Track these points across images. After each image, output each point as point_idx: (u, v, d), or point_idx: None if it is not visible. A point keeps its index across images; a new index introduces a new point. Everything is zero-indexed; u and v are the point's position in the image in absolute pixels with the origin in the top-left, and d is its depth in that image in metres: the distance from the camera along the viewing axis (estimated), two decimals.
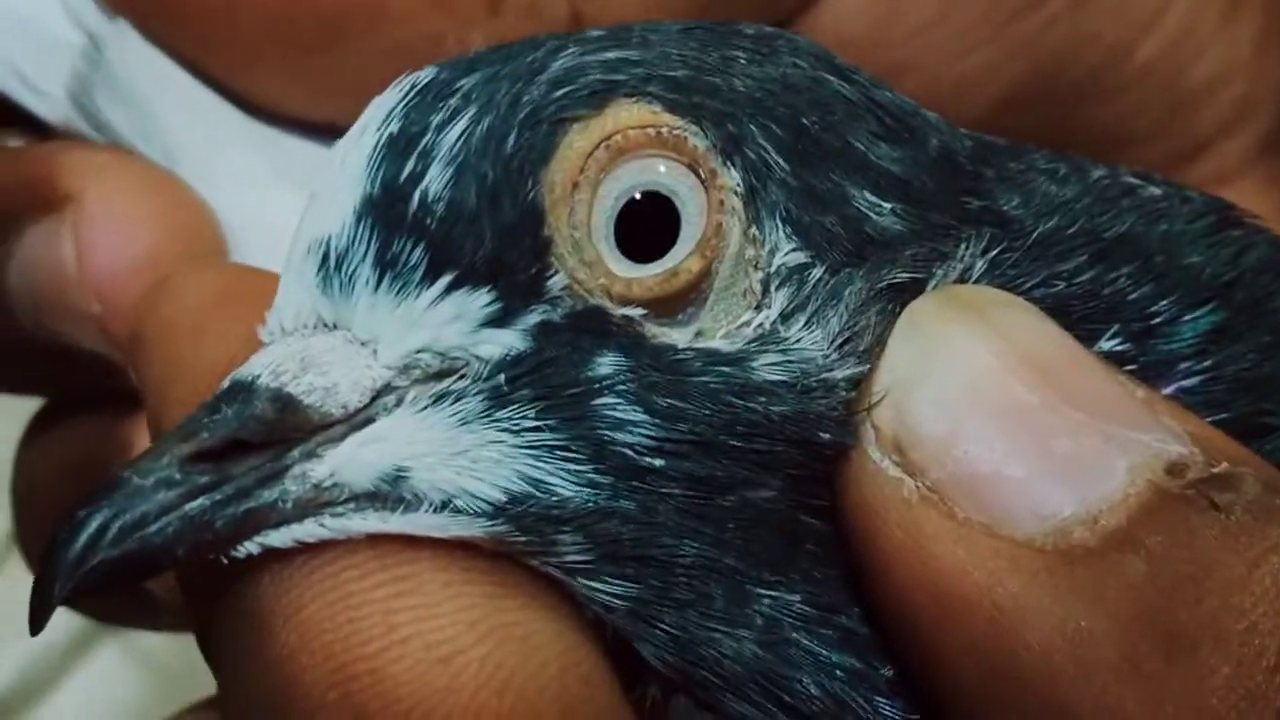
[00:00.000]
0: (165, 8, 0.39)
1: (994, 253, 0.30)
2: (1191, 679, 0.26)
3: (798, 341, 0.29)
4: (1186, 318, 0.31)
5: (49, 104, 0.41)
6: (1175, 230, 0.32)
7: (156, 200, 0.39)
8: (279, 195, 0.39)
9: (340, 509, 0.28)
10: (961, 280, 0.30)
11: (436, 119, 0.29)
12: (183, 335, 0.32)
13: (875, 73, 0.38)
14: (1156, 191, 0.33)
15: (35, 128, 0.42)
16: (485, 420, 0.28)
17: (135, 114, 0.40)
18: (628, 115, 0.29)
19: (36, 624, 0.28)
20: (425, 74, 0.30)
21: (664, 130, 0.29)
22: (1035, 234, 0.31)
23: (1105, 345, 0.30)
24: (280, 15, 0.38)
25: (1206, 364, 0.31)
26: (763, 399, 0.28)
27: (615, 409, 0.28)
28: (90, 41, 0.40)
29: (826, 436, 0.28)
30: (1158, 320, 0.31)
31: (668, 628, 0.29)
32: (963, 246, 0.30)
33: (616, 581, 0.28)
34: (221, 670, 0.30)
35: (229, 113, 0.40)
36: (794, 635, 0.29)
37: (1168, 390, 0.30)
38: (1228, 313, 0.31)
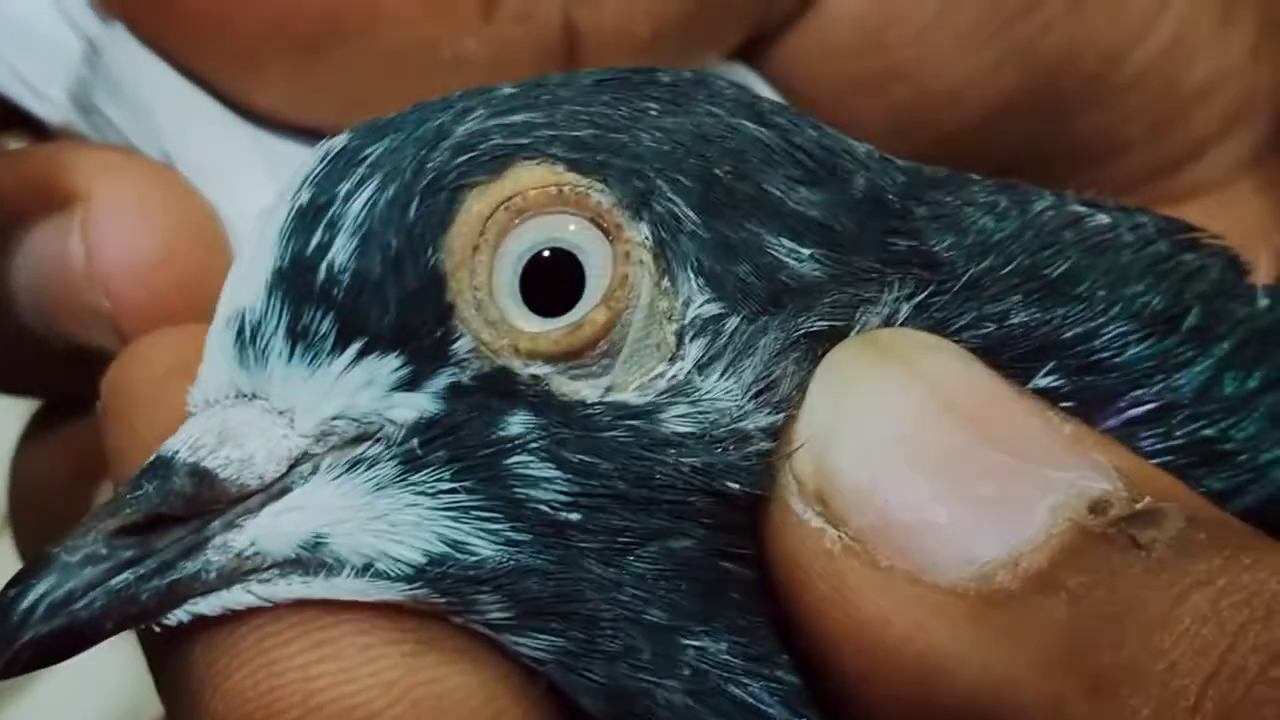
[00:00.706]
0: (157, 12, 0.39)
1: (921, 296, 0.30)
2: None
3: (709, 392, 0.29)
4: (1130, 349, 0.30)
5: (50, 107, 0.41)
6: (1121, 261, 0.31)
7: (165, 197, 0.39)
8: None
9: (264, 575, 0.29)
10: (886, 325, 0.30)
11: (344, 188, 0.29)
12: (139, 406, 0.32)
13: (871, 76, 0.37)
14: (1104, 220, 0.32)
15: (36, 131, 0.43)
16: (400, 484, 0.29)
17: (134, 116, 0.41)
18: (529, 177, 0.29)
19: None
20: (339, 140, 0.30)
21: (566, 188, 0.29)
22: (965, 276, 0.30)
23: (1041, 382, 0.30)
24: (273, 21, 0.38)
25: (1155, 391, 0.30)
26: (672, 451, 0.28)
27: (528, 466, 0.28)
28: (89, 45, 0.41)
29: (736, 487, 0.28)
30: (1097, 354, 0.30)
31: (598, 679, 0.29)
32: (886, 291, 0.30)
33: (541, 636, 0.29)
34: None
35: (224, 117, 0.40)
36: (722, 685, 0.29)
37: (1112, 423, 0.30)
38: (1173, 341, 0.31)
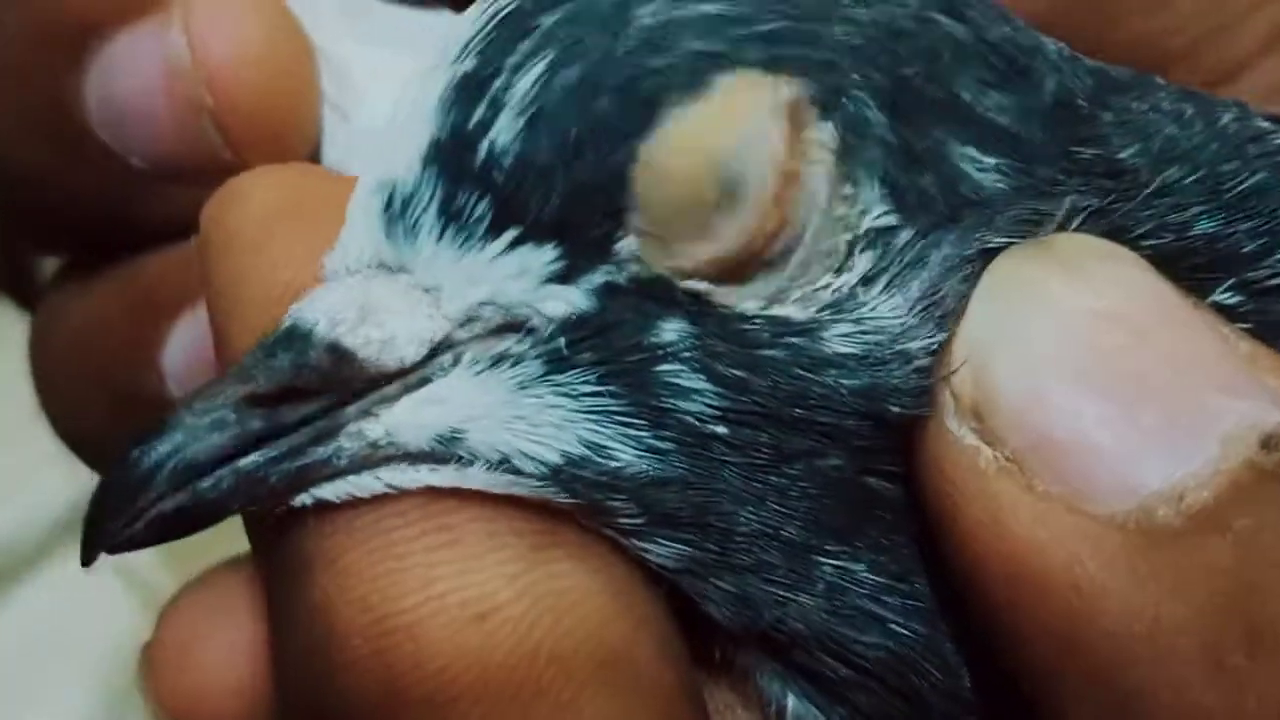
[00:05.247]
0: None
1: (1102, 203, 0.29)
2: (1275, 677, 0.25)
3: (874, 309, 0.28)
4: None
5: None
6: None
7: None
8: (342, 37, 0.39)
9: (396, 465, 0.28)
10: (1061, 230, 0.28)
11: (511, 60, 0.28)
12: (246, 249, 0.31)
13: None
14: None
15: None
16: (544, 383, 0.28)
17: None
18: (724, 101, 0.27)
19: (88, 560, 0.28)
20: (508, 1, 0.28)
21: (760, 105, 0.27)
22: (1149, 184, 0.29)
23: (1219, 298, 0.29)
24: None
25: None
26: (833, 372, 0.27)
27: (678, 376, 0.27)
28: None
29: (897, 410, 0.27)
30: (1278, 274, 0.29)
31: (728, 588, 0.28)
32: (1066, 201, 0.28)
33: (672, 545, 0.28)
34: (270, 607, 0.30)
35: None
36: (860, 602, 0.28)
37: None
38: None
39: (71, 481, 0.45)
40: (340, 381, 0.27)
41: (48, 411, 0.43)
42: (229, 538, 0.32)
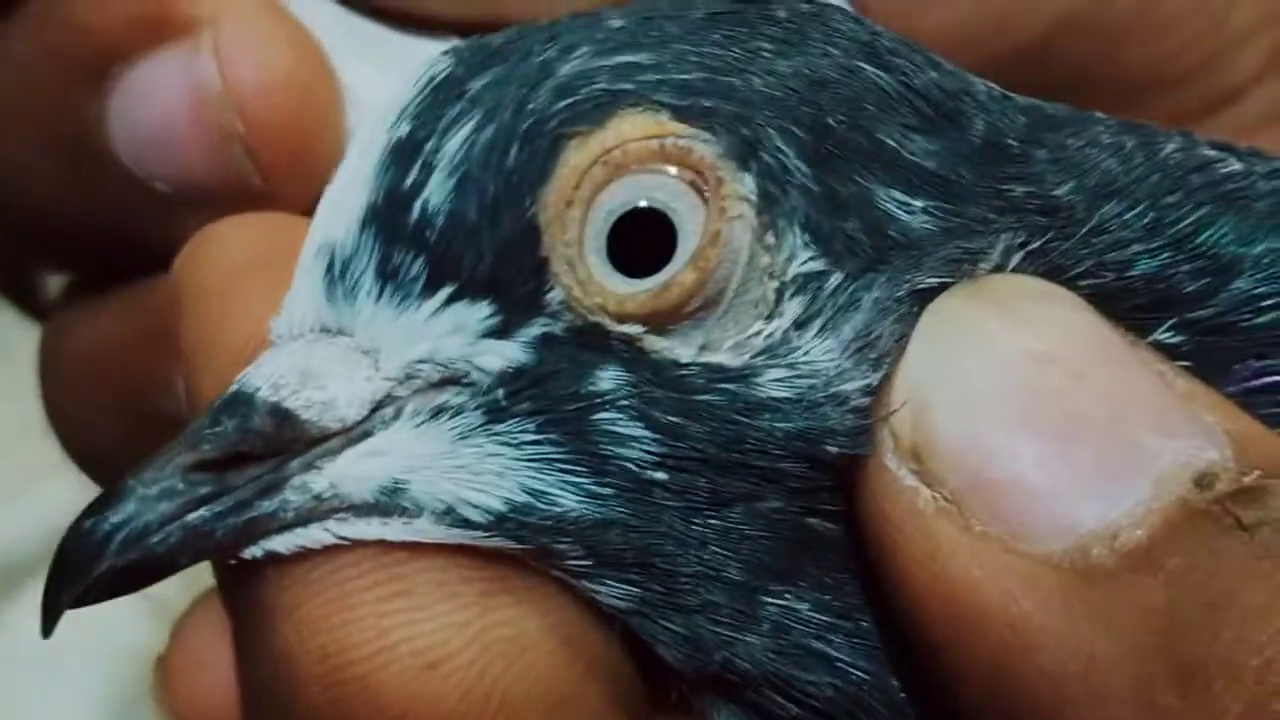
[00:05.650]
0: None
1: (1037, 243, 0.29)
2: (1206, 717, 0.25)
3: (807, 353, 0.28)
4: (1262, 315, 0.29)
5: None
6: (1253, 212, 0.30)
7: (285, 25, 0.38)
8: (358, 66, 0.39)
9: (341, 516, 0.28)
10: (997, 272, 0.29)
11: (442, 124, 0.28)
12: (213, 301, 0.32)
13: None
14: (1236, 167, 0.31)
15: None
16: (484, 433, 0.28)
17: None
18: (630, 127, 0.28)
19: (48, 627, 0.29)
20: (440, 68, 0.29)
21: (668, 142, 0.28)
22: (1086, 220, 0.29)
23: (1160, 337, 0.29)
24: None
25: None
26: (768, 416, 0.28)
27: (616, 424, 0.28)
28: None
29: (834, 450, 0.28)
30: (1224, 316, 0.29)
31: (676, 628, 0.29)
32: (1000, 240, 0.29)
33: (619, 585, 0.28)
34: (236, 651, 0.31)
35: None
36: (805, 641, 0.29)
37: (1231, 390, 0.28)
38: None
39: (74, 490, 0.46)
40: (284, 443, 0.28)
41: (58, 430, 0.43)
42: None
